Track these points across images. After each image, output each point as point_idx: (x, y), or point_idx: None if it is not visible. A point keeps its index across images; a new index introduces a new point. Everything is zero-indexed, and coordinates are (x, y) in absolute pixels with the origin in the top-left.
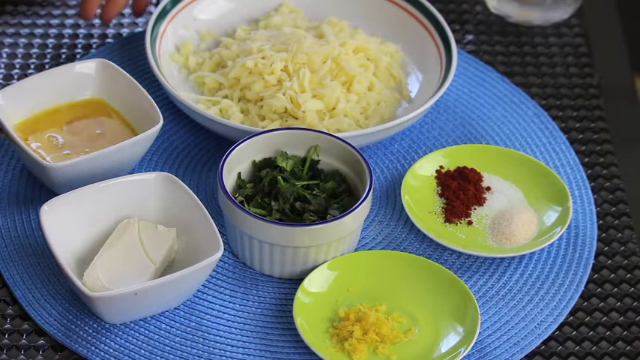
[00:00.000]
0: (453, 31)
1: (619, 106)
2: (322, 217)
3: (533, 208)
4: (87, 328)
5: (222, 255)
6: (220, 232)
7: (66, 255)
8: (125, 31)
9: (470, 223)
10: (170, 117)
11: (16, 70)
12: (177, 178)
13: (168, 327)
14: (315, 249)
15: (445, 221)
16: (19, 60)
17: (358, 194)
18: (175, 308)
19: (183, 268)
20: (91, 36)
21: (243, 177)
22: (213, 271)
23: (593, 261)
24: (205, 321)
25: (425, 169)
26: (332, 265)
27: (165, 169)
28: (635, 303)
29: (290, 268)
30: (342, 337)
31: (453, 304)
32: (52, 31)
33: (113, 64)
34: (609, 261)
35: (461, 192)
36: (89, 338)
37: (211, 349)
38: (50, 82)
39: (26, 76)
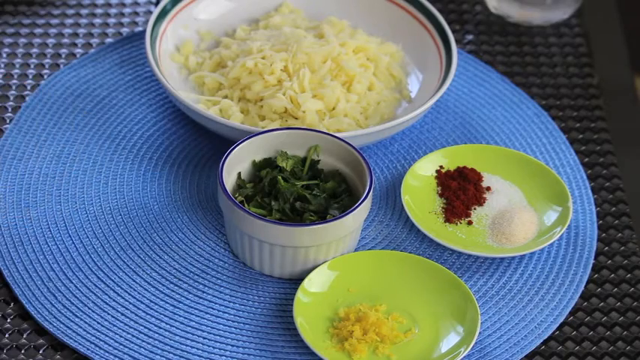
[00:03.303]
0: (453, 31)
1: (619, 106)
2: (322, 217)
3: (533, 208)
4: (87, 327)
5: (222, 255)
6: (220, 232)
7: None
8: (125, 30)
9: (470, 223)
10: (170, 117)
11: (16, 70)
12: None
13: (169, 326)
14: (315, 249)
15: (445, 221)
16: (18, 60)
17: (358, 194)
18: (175, 307)
19: None
20: (91, 35)
21: (243, 177)
22: (213, 270)
23: (593, 261)
24: (205, 321)
25: (425, 169)
26: (332, 265)
27: (166, 169)
28: (635, 303)
29: (290, 268)
30: (342, 337)
31: (453, 304)
32: (52, 31)
33: None
34: (609, 261)
35: (461, 192)
36: (89, 337)
37: (211, 349)
38: None
39: (26, 76)
